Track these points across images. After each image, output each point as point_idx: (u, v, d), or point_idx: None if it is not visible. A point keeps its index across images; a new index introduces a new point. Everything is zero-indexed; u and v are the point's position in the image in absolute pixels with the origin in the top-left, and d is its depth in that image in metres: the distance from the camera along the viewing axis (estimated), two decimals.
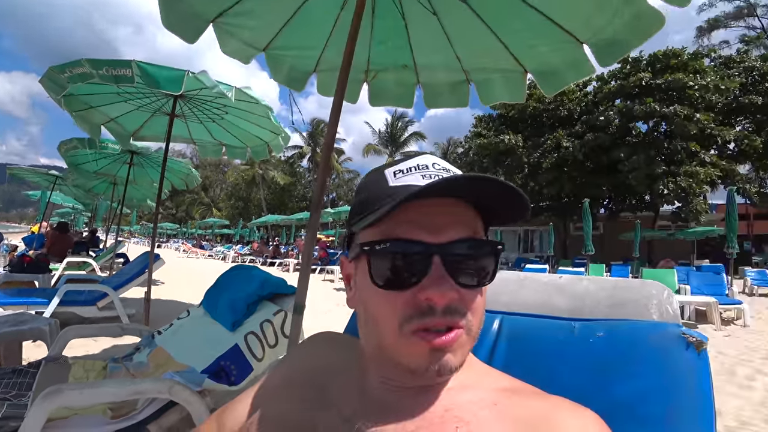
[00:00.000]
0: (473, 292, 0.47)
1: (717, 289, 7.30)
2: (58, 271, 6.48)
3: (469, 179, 0.43)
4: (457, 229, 0.46)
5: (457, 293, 0.45)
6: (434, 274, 0.45)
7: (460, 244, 0.46)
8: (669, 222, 19.72)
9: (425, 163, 0.50)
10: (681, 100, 17.72)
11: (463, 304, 0.46)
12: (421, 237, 0.45)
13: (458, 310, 0.46)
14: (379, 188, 0.50)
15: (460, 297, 0.46)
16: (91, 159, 6.60)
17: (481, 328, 0.49)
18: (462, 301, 0.46)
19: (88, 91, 3.61)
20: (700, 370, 0.58)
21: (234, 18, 2.28)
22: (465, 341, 0.47)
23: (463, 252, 0.46)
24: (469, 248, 0.47)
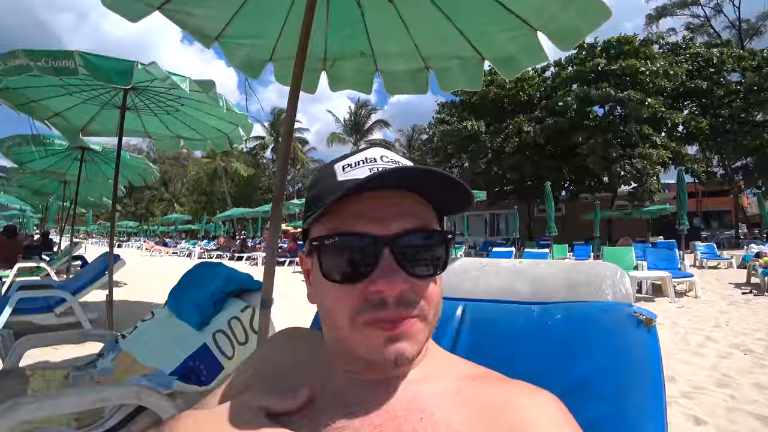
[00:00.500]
0: (426, 281, 0.47)
1: (670, 264, 7.76)
2: (9, 278, 6.09)
3: (406, 170, 0.44)
4: (406, 220, 0.47)
5: (408, 284, 0.45)
6: (383, 267, 0.45)
7: (409, 235, 0.46)
8: (626, 202, 20.73)
9: (373, 156, 0.51)
10: (634, 84, 18.55)
11: (416, 294, 0.46)
12: (370, 230, 0.46)
13: (411, 301, 0.46)
14: (327, 183, 0.50)
15: (412, 287, 0.46)
16: (37, 157, 6.19)
17: (438, 316, 0.50)
18: (414, 290, 0.46)
19: (26, 83, 3.35)
20: (649, 346, 0.62)
21: (180, 5, 2.19)
22: (420, 329, 0.47)
23: (413, 243, 0.46)
24: (418, 239, 0.47)
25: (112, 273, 3.88)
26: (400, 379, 0.51)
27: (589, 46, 20.59)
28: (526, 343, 0.67)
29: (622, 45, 19.67)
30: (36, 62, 2.55)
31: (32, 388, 1.77)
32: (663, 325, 4.77)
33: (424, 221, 0.48)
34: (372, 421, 0.46)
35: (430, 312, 0.48)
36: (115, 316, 3.66)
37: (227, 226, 32.94)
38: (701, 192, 25.56)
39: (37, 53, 2.60)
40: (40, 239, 11.13)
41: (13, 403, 1.18)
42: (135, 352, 1.95)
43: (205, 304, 1.90)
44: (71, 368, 1.98)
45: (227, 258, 16.86)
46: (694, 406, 2.58)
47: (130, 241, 36.39)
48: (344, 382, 0.51)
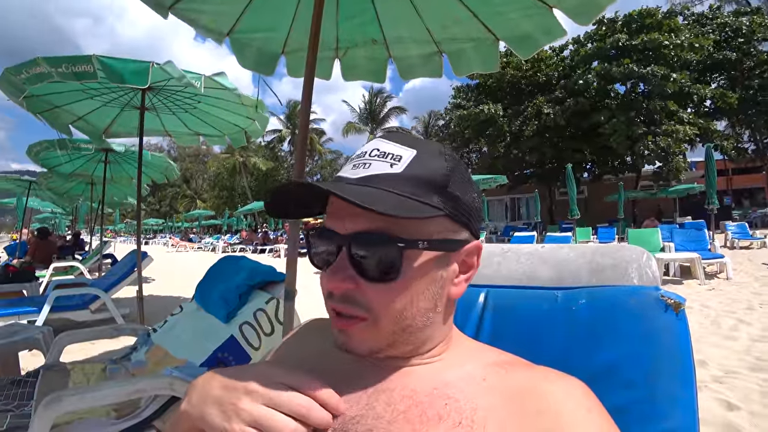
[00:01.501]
0: (377, 285, 0.47)
1: (700, 245, 7.51)
2: (46, 278, 6.37)
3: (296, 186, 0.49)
4: (358, 221, 0.47)
5: (353, 284, 0.47)
6: (337, 263, 0.48)
7: (359, 236, 0.47)
8: (651, 182, 20.10)
9: (366, 150, 0.52)
10: (657, 59, 17.82)
11: (362, 296, 0.47)
12: (334, 227, 0.49)
13: (354, 301, 0.47)
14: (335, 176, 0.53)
15: (360, 288, 0.47)
16: (64, 161, 6.40)
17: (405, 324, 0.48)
18: (361, 292, 0.47)
19: (49, 90, 3.44)
20: (678, 331, 0.60)
21: (190, 3, 2.20)
22: (368, 333, 0.48)
23: (364, 244, 0.47)
24: (367, 241, 0.46)
25: (141, 269, 4.00)
26: (423, 365, 0.52)
27: (608, 21, 19.84)
28: (550, 329, 0.66)
29: (643, 18, 18.88)
30: (56, 68, 2.62)
31: (73, 381, 1.86)
32: (692, 308, 4.63)
33: (385, 223, 0.46)
34: (396, 407, 0.47)
35: (381, 318, 0.47)
36: (145, 310, 3.79)
37: (249, 220, 33.51)
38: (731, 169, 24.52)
39: (57, 59, 2.66)
40: (72, 239, 11.57)
41: (57, 396, 1.24)
42: (166, 345, 2.02)
43: (231, 297, 1.95)
44: (108, 362, 2.07)
45: (250, 251, 17.16)
46: (726, 390, 2.51)
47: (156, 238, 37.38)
48: (367, 368, 0.52)
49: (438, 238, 0.48)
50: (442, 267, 0.50)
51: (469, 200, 0.51)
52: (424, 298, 0.49)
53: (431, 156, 0.50)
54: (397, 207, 0.44)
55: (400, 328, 0.48)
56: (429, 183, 0.48)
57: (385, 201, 0.44)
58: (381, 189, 0.47)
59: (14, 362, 2.42)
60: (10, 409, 1.56)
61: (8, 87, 2.89)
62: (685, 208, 20.76)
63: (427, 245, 0.47)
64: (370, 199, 0.43)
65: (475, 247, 0.53)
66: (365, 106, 38.71)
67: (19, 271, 5.79)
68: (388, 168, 0.48)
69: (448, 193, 0.49)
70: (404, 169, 0.48)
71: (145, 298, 3.81)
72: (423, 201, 0.47)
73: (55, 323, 3.62)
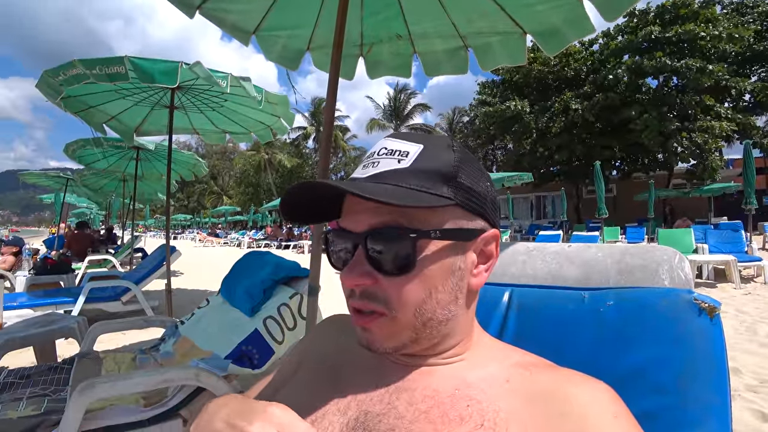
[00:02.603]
0: (394, 279, 0.47)
1: (736, 247, 7.18)
2: (81, 270, 6.65)
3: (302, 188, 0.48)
4: (370, 218, 0.48)
5: (371, 280, 0.48)
6: (354, 261, 0.49)
7: (372, 232, 0.48)
8: (684, 180, 19.32)
9: (374, 150, 0.53)
10: (693, 51, 17.06)
11: (381, 291, 0.48)
12: (348, 226, 0.50)
13: (374, 296, 0.48)
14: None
15: (378, 283, 0.48)
16: (98, 158, 6.66)
17: (425, 318, 0.48)
18: (380, 287, 0.48)
19: (85, 91, 3.60)
20: (712, 336, 0.57)
21: (217, 3, 2.25)
22: (388, 327, 0.48)
23: (380, 239, 0.47)
24: (382, 236, 0.47)
25: (169, 263, 4.12)
26: (445, 365, 0.51)
27: (640, 12, 19.10)
28: (576, 330, 0.64)
29: (678, 9, 18.07)
30: (91, 70, 2.72)
31: (105, 369, 1.94)
32: (727, 313, 4.43)
33: (399, 217, 0.47)
34: (417, 407, 0.46)
35: (401, 312, 0.48)
36: (173, 303, 3.90)
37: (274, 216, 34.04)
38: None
39: (92, 61, 2.77)
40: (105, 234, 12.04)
41: (91, 383, 1.30)
42: (193, 337, 2.07)
43: (256, 291, 1.98)
44: (137, 351, 2.14)
45: (275, 247, 17.45)
46: (760, 401, 2.39)
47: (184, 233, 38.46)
48: (389, 366, 0.52)
49: (451, 228, 0.48)
50: (458, 257, 0.49)
51: (482, 190, 0.51)
52: (444, 290, 0.49)
53: (439, 149, 0.51)
54: (404, 198, 0.45)
55: (421, 322, 0.48)
56: (438, 174, 0.48)
57: (393, 194, 0.45)
58: (389, 184, 0.47)
59: (51, 349, 2.54)
60: (47, 394, 1.63)
61: (47, 89, 3.02)
62: (721, 207, 19.88)
63: (440, 234, 0.47)
64: (377, 194, 0.44)
65: (491, 236, 0.52)
66: (389, 102, 38.67)
67: (56, 263, 6.06)
68: (396, 164, 0.49)
69: (459, 183, 0.49)
70: (411, 164, 0.49)
71: (173, 291, 3.93)
72: (432, 192, 0.47)
73: (89, 313, 3.78)
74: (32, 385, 1.70)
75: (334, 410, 0.49)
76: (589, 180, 18.87)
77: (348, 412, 0.49)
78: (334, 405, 0.50)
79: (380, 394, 0.49)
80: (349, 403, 0.49)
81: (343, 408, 0.49)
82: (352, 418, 0.48)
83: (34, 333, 2.23)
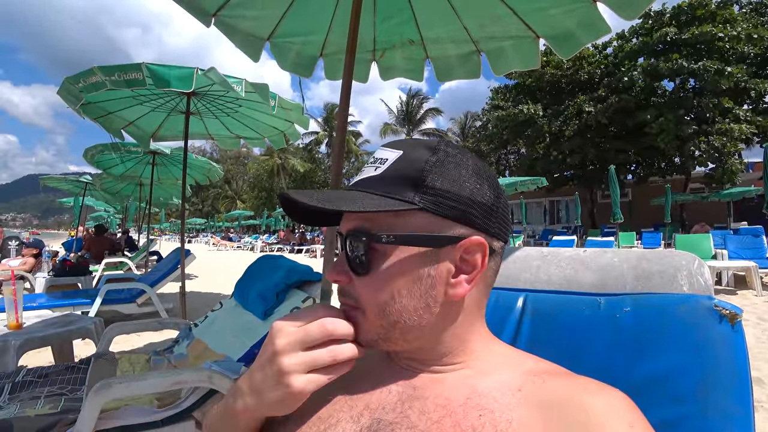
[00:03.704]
0: (361, 279, 0.50)
1: (757, 253, 7.00)
2: (98, 272, 6.78)
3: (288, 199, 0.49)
4: (347, 222, 0.52)
5: (346, 278, 0.51)
6: (336, 259, 0.53)
7: (348, 233, 0.50)
8: (702, 184, 18.92)
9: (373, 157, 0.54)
10: (710, 53, 16.74)
11: (354, 289, 0.51)
12: (341, 229, 0.53)
13: (349, 293, 0.51)
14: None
15: (352, 282, 0.51)
16: (116, 163, 6.80)
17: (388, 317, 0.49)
18: (353, 285, 0.51)
19: (104, 97, 3.68)
20: (734, 344, 0.55)
21: (233, 10, 2.28)
22: (360, 322, 0.50)
23: (352, 241, 0.50)
24: (350, 238, 0.50)
25: (183, 267, 4.18)
26: (454, 372, 0.51)
27: (655, 13, 18.83)
28: (591, 337, 0.63)
29: (694, 10, 17.75)
30: (110, 77, 2.79)
31: (120, 369, 1.96)
32: (748, 321, 4.32)
33: (367, 222, 0.49)
34: (430, 417, 0.46)
35: (367, 310, 0.50)
36: (187, 305, 3.95)
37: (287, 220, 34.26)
38: None
39: (110, 68, 2.84)
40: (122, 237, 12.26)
41: (107, 383, 1.32)
42: (207, 339, 2.10)
43: (268, 295, 2.00)
44: (152, 353, 2.17)
45: (287, 251, 17.56)
46: None
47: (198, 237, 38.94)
48: (400, 373, 0.52)
49: (414, 233, 0.47)
50: (428, 264, 0.48)
51: (465, 194, 0.48)
52: (409, 295, 0.48)
53: (415, 152, 0.50)
54: (365, 205, 0.46)
55: (388, 323, 0.49)
56: (404, 178, 0.48)
57: (355, 200, 0.47)
58: (360, 191, 0.50)
59: (69, 349, 2.59)
60: (64, 393, 1.66)
61: (68, 96, 3.10)
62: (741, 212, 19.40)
63: (393, 239, 0.47)
64: (340, 202, 0.47)
65: (474, 244, 0.48)
66: (402, 107, 38.76)
67: (74, 265, 6.19)
68: (372, 171, 0.51)
69: (428, 187, 0.47)
70: (383, 171, 0.50)
71: (187, 294, 3.98)
72: (395, 197, 0.47)
73: (106, 315, 3.85)
74: (50, 384, 1.73)
75: (347, 418, 0.49)
76: (604, 184, 18.60)
77: (361, 419, 0.48)
78: (347, 412, 0.50)
79: (393, 403, 0.49)
80: (362, 411, 0.49)
81: (356, 416, 0.49)
82: (365, 426, 0.47)
83: (52, 333, 2.27)
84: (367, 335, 0.50)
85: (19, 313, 2.41)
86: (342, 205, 0.47)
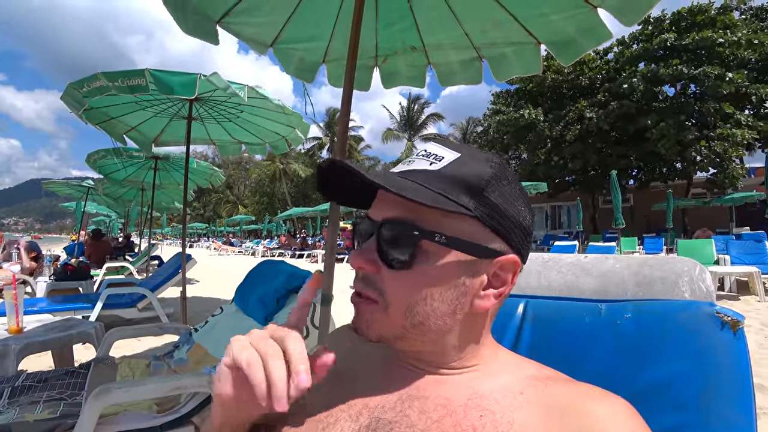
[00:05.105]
0: (393, 272, 0.48)
1: (759, 258, 6.96)
2: (99, 277, 6.79)
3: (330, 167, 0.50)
4: (388, 209, 0.49)
5: (374, 267, 0.49)
6: (364, 245, 0.51)
7: (386, 222, 0.49)
8: (704, 189, 18.89)
9: (418, 150, 0.54)
10: (711, 59, 16.78)
11: (380, 281, 0.49)
12: (372, 215, 0.51)
13: (373, 283, 0.49)
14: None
15: (379, 272, 0.49)
16: (118, 168, 6.83)
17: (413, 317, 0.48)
18: (380, 276, 0.49)
19: (106, 102, 3.70)
20: (736, 351, 0.55)
21: (238, 17, 2.30)
22: (376, 316, 0.49)
23: (390, 231, 0.48)
24: (393, 228, 0.48)
25: (185, 271, 4.18)
26: (458, 374, 0.51)
27: (655, 19, 18.90)
28: (592, 343, 0.63)
29: (694, 15, 17.82)
30: (113, 82, 2.80)
31: (120, 374, 1.96)
32: (751, 327, 4.29)
33: (412, 214, 0.47)
34: (429, 416, 0.46)
35: (392, 306, 0.48)
36: (188, 310, 3.95)
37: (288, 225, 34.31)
38: None
39: (114, 74, 2.85)
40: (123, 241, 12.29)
41: (106, 388, 1.31)
42: (207, 344, 2.09)
43: (269, 300, 1.99)
44: (152, 358, 2.16)
45: (289, 256, 17.55)
46: None
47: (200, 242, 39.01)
48: (402, 373, 0.52)
49: (462, 238, 0.47)
50: (466, 273, 0.48)
51: (513, 212, 0.49)
52: (441, 299, 0.48)
53: (474, 161, 0.50)
54: (420, 196, 0.44)
55: (410, 323, 0.48)
56: (463, 183, 0.48)
57: (410, 189, 0.45)
58: (413, 182, 0.48)
59: (69, 354, 2.59)
60: (63, 398, 1.66)
61: (71, 101, 3.12)
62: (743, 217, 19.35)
63: (445, 240, 0.46)
64: (395, 186, 0.44)
65: (511, 262, 0.50)
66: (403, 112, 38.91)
67: (75, 269, 6.19)
68: (427, 165, 0.50)
69: (484, 198, 0.48)
70: (441, 168, 0.49)
71: (188, 299, 3.98)
72: (451, 198, 0.46)
73: (106, 319, 3.84)
74: (49, 388, 1.73)
75: (346, 416, 0.49)
76: (605, 189, 18.59)
77: (360, 418, 0.48)
78: (345, 411, 0.50)
79: (392, 402, 0.49)
80: (361, 410, 0.49)
81: (354, 414, 0.49)
82: (364, 425, 0.47)
83: (52, 337, 2.27)
84: (382, 332, 0.49)
85: (20, 317, 2.41)
86: (403, 191, 0.44)
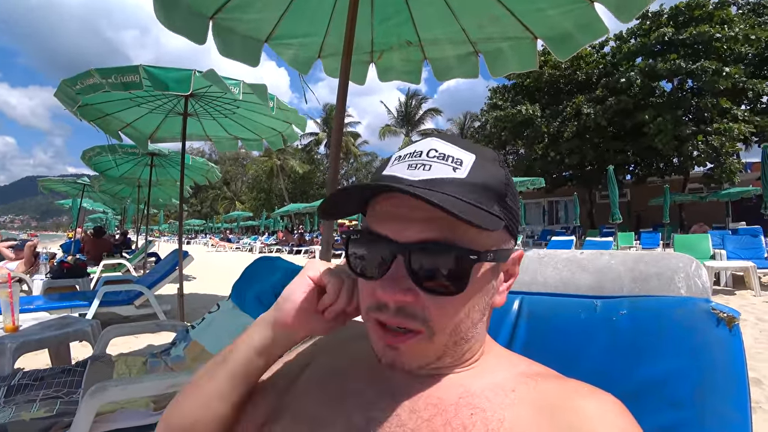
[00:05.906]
0: (439, 298, 0.44)
1: (755, 253, 7.01)
2: (96, 274, 6.76)
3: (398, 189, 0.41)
4: (424, 228, 0.43)
5: (413, 296, 0.44)
6: (392, 273, 0.44)
7: (425, 245, 0.43)
8: (700, 184, 18.96)
9: (421, 149, 0.48)
10: (708, 53, 16.78)
11: (421, 308, 0.44)
12: (388, 233, 0.45)
13: (413, 314, 0.44)
14: (377, 172, 0.51)
15: (418, 300, 0.44)
16: (114, 164, 6.79)
17: (461, 336, 0.47)
18: (420, 304, 0.44)
19: (101, 99, 3.67)
20: (731, 348, 0.55)
21: (230, 13, 2.28)
22: (422, 348, 0.46)
23: (429, 254, 0.43)
24: (434, 251, 0.43)
25: (182, 268, 4.16)
26: (450, 373, 0.50)
27: (653, 14, 18.87)
28: (588, 340, 0.63)
29: (692, 10, 17.80)
30: (107, 79, 2.78)
31: (117, 372, 1.95)
32: (746, 321, 4.32)
33: (448, 231, 0.43)
34: (420, 415, 0.46)
35: (439, 332, 0.45)
36: (185, 307, 3.94)
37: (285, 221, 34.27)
38: None
39: (108, 71, 2.82)
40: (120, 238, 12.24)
41: (103, 386, 1.31)
42: (204, 341, 2.08)
43: (266, 297, 1.99)
44: (149, 355, 2.16)
45: (286, 252, 17.54)
46: None
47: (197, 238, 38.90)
48: (393, 374, 0.51)
49: (497, 249, 0.47)
50: (494, 277, 0.49)
51: (517, 209, 0.50)
52: (478, 310, 0.48)
53: (487, 161, 0.48)
54: (468, 214, 0.41)
55: (453, 341, 0.47)
56: (491, 190, 0.46)
57: (458, 207, 0.40)
58: (449, 195, 0.42)
59: (66, 352, 2.58)
60: (60, 396, 1.65)
61: (65, 98, 3.09)
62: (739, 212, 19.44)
63: (493, 257, 0.45)
64: (456, 208, 0.40)
65: (519, 255, 0.52)
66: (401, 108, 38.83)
67: (72, 267, 6.16)
68: (451, 172, 0.45)
69: (506, 203, 0.47)
70: (467, 175, 0.45)
71: (185, 296, 3.97)
72: (486, 209, 0.44)
73: (103, 317, 3.83)
74: (46, 387, 1.72)
75: (339, 417, 0.49)
76: (602, 185, 18.63)
77: (351, 418, 0.48)
78: (338, 410, 0.50)
79: (384, 401, 0.48)
80: (353, 410, 0.49)
81: (346, 414, 0.49)
82: (355, 424, 0.47)
83: (49, 335, 2.26)
84: (423, 360, 0.48)
85: (16, 315, 2.40)
86: (453, 208, 0.39)
